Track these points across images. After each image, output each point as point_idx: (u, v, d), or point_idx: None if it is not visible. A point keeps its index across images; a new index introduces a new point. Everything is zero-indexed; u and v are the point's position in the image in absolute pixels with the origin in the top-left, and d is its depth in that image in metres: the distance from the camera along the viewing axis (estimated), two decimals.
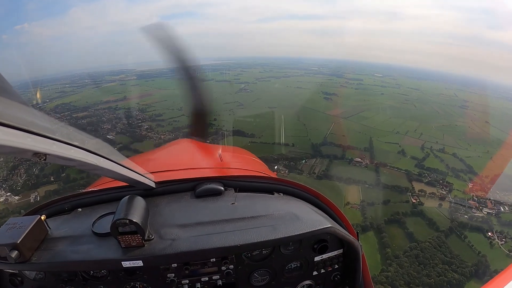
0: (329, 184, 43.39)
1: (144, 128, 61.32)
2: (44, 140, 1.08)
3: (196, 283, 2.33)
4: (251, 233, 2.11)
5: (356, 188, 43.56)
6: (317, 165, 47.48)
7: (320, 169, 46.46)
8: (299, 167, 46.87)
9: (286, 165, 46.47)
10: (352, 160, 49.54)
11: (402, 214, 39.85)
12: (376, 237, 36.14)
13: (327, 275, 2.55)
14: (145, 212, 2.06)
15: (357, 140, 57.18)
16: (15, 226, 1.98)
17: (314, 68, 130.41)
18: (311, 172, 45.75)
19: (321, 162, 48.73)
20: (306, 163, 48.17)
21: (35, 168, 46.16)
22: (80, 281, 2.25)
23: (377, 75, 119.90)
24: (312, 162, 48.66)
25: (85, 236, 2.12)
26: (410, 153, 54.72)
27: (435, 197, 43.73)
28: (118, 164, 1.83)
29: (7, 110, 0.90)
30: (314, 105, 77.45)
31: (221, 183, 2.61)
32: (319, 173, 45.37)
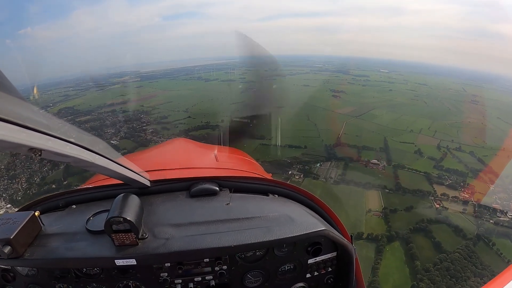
0: (347, 190, 39.92)
1: (149, 131, 58.00)
2: (39, 136, 1.06)
3: (189, 283, 2.28)
4: (245, 234, 2.07)
5: (376, 193, 40.22)
6: (333, 169, 43.86)
7: (337, 173, 42.91)
8: (315, 171, 43.32)
9: (300, 170, 42.92)
10: (368, 162, 45.88)
11: (427, 221, 36.46)
12: (403, 248, 32.92)
13: (321, 278, 2.51)
14: (139, 211, 2.01)
15: (372, 140, 53.59)
16: (9, 221, 1.92)
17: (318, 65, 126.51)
18: (327, 176, 42.16)
19: (336, 165, 45.16)
20: (321, 167, 44.51)
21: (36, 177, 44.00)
22: (73, 278, 2.19)
23: (383, 70, 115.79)
24: (328, 165, 45.07)
25: (78, 233, 2.08)
26: (427, 153, 51.39)
27: (458, 201, 40.45)
28: (113, 161, 1.78)
29: (3, 105, 0.89)
30: (323, 104, 73.99)
31: (216, 183, 2.56)
32: (336, 178, 41.74)
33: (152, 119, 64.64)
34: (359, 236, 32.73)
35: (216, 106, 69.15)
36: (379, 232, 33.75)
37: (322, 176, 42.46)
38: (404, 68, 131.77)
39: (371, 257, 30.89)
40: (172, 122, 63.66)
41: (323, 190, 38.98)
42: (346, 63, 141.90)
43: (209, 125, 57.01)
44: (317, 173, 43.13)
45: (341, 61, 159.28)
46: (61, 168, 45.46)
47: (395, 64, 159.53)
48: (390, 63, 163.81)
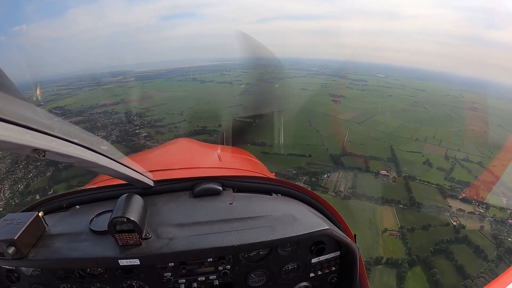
0: (360, 206, 35.77)
1: (142, 136, 53.04)
2: (43, 137, 1.06)
3: (192, 282, 2.23)
4: (248, 233, 2.03)
5: (389, 209, 36.24)
6: (342, 181, 39.51)
7: (346, 185, 38.59)
8: (323, 184, 38.92)
9: (307, 181, 38.48)
10: (378, 174, 41.67)
11: (447, 241, 32.83)
12: (426, 273, 29.25)
13: (324, 277, 2.46)
14: (143, 211, 1.98)
15: (378, 149, 49.60)
16: (13, 222, 1.89)
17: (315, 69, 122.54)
18: (337, 190, 37.73)
19: (345, 176, 40.88)
20: (329, 178, 39.96)
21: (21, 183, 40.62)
22: (77, 278, 2.17)
23: (379, 75, 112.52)
24: (335, 176, 40.64)
25: (82, 234, 2.04)
26: (436, 163, 47.97)
27: (474, 217, 37.16)
28: (116, 162, 1.76)
29: (7, 106, 0.89)
30: (324, 109, 69.92)
31: (219, 183, 2.50)
32: (346, 191, 37.40)
33: (146, 122, 60.01)
34: (378, 260, 29.07)
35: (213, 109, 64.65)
36: (398, 255, 30.00)
37: (331, 189, 38.12)
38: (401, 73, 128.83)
39: (393, 286, 27.55)
40: (166, 125, 59.28)
41: (335, 206, 34.39)
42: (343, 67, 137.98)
43: (206, 129, 53.29)
44: (325, 186, 38.81)
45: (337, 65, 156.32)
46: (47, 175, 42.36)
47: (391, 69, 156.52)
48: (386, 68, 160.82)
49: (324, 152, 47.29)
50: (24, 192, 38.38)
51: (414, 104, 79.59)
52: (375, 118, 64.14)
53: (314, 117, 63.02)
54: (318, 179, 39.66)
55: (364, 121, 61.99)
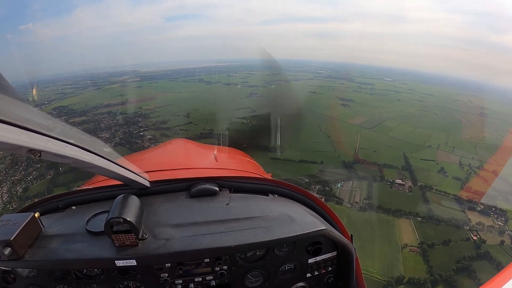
0: (376, 218, 33.60)
1: (146, 138, 50.81)
2: (39, 137, 1.05)
3: (189, 283, 2.23)
4: (245, 234, 2.04)
5: (407, 222, 33.85)
6: (356, 191, 37.15)
7: (361, 196, 36.23)
8: (337, 194, 36.46)
9: (320, 191, 36.18)
10: (393, 183, 39.24)
11: (469, 258, 30.40)
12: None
13: (321, 277, 2.47)
14: (139, 211, 1.98)
15: (390, 157, 47.28)
16: (9, 223, 1.88)
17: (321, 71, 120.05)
18: (352, 201, 35.37)
19: (359, 185, 38.53)
20: (343, 187, 37.58)
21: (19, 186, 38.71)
22: (73, 279, 2.16)
23: (387, 79, 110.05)
24: (349, 185, 38.25)
25: (78, 235, 2.04)
26: (451, 172, 45.35)
27: (494, 230, 34.80)
28: (113, 162, 1.75)
29: (3, 106, 0.88)
30: (333, 112, 67.49)
31: (216, 184, 2.52)
32: (362, 202, 35.01)
33: (151, 124, 57.89)
34: (400, 280, 26.84)
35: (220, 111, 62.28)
36: (420, 274, 27.68)
37: (346, 200, 35.79)
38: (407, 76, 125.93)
39: None
40: (172, 128, 57.02)
41: (350, 218, 32.47)
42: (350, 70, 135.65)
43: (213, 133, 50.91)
44: (339, 196, 36.39)
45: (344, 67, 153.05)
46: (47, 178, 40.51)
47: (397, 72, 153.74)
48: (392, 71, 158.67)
49: (336, 159, 44.99)
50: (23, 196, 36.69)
51: (424, 109, 77.13)
52: (385, 123, 61.71)
53: (324, 121, 60.82)
54: (332, 189, 37.37)
55: (375, 126, 59.62)
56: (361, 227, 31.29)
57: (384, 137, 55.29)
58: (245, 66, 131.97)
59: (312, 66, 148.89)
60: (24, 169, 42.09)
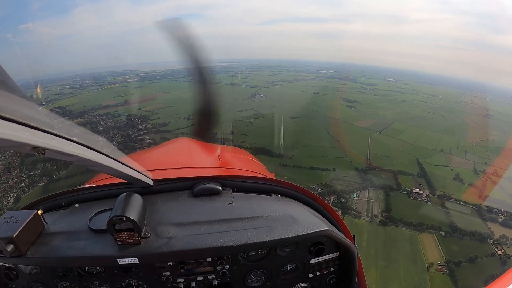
0: (398, 234, 30.80)
1: (146, 142, 47.23)
2: (43, 135, 1.05)
3: (191, 282, 2.21)
4: (247, 233, 2.01)
5: (431, 237, 30.83)
6: (373, 202, 34.03)
7: (380, 207, 33.01)
8: (354, 206, 33.25)
9: (336, 202, 33.05)
10: (411, 192, 36.19)
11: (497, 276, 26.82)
12: None
13: (323, 278, 2.44)
14: (142, 210, 1.96)
15: (404, 162, 44.35)
16: (12, 220, 1.87)
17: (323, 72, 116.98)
18: (370, 213, 32.19)
19: (375, 195, 35.45)
20: (359, 198, 34.30)
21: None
22: (75, 277, 2.15)
23: (389, 79, 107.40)
24: (365, 195, 35.04)
25: (81, 232, 2.02)
26: (467, 179, 42.51)
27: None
28: (116, 161, 1.74)
29: (7, 104, 0.88)
30: (339, 114, 64.26)
31: (219, 183, 2.47)
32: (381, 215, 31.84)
33: (150, 126, 54.60)
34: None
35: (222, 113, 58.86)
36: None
37: (364, 213, 32.62)
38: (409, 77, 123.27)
39: None
40: (173, 131, 53.52)
41: (371, 233, 29.51)
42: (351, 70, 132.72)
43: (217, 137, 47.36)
44: (356, 208, 33.12)
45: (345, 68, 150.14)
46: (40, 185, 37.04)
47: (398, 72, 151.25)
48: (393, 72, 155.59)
49: (348, 165, 41.80)
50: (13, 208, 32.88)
51: (430, 110, 74.34)
52: (394, 126, 58.78)
53: (331, 124, 57.68)
54: (348, 199, 34.12)
55: (384, 129, 56.60)
56: (384, 244, 28.31)
57: (394, 141, 52.26)
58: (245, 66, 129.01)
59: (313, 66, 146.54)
60: (16, 175, 39.07)
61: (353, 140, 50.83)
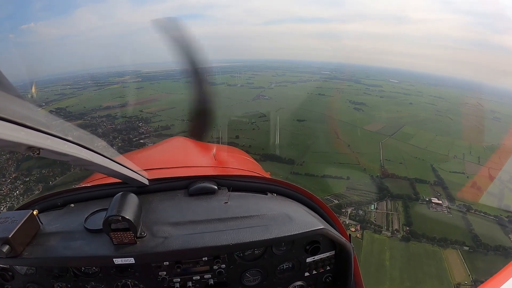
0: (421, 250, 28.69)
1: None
2: (38, 134, 1.03)
3: (187, 281, 2.18)
4: (243, 232, 1.98)
5: (455, 254, 28.61)
6: (393, 214, 31.57)
7: (400, 221, 30.62)
8: (373, 219, 30.71)
9: (354, 216, 30.66)
10: (429, 202, 33.69)
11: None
12: None
13: (319, 276, 2.41)
14: (137, 209, 1.92)
15: (419, 169, 42.19)
16: (7, 220, 1.84)
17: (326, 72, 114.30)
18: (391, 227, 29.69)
19: (394, 206, 33.06)
20: (377, 210, 31.70)
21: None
22: (71, 277, 2.12)
23: (393, 80, 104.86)
24: (384, 207, 32.56)
25: (77, 232, 1.99)
26: (484, 187, 40.20)
27: None
28: (111, 160, 1.72)
29: (2, 103, 0.87)
30: (347, 117, 62.14)
31: (214, 182, 2.43)
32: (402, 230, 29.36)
33: (152, 130, 51.79)
34: None
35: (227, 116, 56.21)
36: None
37: (384, 227, 30.04)
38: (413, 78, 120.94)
39: None
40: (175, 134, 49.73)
41: (394, 251, 27.02)
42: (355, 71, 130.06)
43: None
44: (375, 221, 30.56)
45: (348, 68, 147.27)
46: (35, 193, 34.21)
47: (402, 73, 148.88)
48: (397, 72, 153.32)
49: (362, 173, 39.40)
50: None
51: (438, 113, 72.11)
52: (404, 130, 56.49)
53: (340, 128, 55.20)
54: (366, 212, 31.52)
55: (394, 133, 54.26)
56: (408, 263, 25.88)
57: (406, 146, 49.92)
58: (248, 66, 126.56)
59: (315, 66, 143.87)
60: (11, 182, 36.52)
61: (364, 145, 48.47)
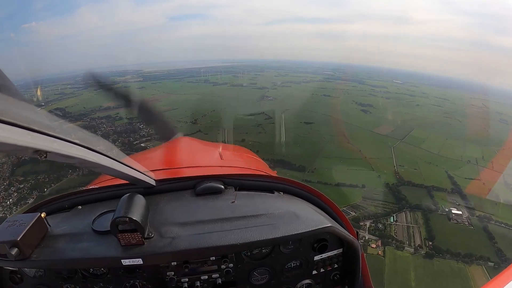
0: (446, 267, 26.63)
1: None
2: (44, 138, 1.03)
3: (195, 281, 2.16)
4: (251, 231, 1.96)
5: (480, 271, 26.33)
6: (413, 227, 29.30)
7: (422, 235, 28.32)
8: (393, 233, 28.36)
9: (373, 230, 28.19)
10: (450, 213, 31.48)
11: None
12: None
13: (327, 275, 2.38)
14: (145, 210, 1.90)
15: (433, 176, 39.95)
16: (15, 223, 1.83)
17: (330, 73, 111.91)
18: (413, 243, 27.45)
19: (414, 218, 30.92)
20: (396, 223, 29.30)
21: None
22: (80, 278, 2.11)
23: (396, 81, 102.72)
24: (403, 219, 30.22)
25: (85, 234, 1.97)
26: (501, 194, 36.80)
27: None
28: (118, 162, 1.70)
29: (8, 107, 0.86)
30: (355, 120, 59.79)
31: (221, 182, 2.40)
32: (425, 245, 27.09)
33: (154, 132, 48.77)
34: None
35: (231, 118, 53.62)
36: None
37: (406, 242, 27.67)
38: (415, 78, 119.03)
39: None
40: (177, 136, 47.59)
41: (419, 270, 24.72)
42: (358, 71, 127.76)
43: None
44: (397, 237, 28.17)
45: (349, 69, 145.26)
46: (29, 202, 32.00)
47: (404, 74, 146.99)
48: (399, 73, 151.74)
49: (376, 180, 36.97)
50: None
51: (445, 115, 69.81)
52: (414, 134, 54.15)
53: (349, 131, 52.89)
54: (386, 225, 29.07)
55: (405, 137, 51.96)
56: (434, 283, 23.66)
57: (418, 150, 47.68)
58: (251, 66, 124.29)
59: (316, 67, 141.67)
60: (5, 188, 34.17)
61: (376, 149, 46.10)
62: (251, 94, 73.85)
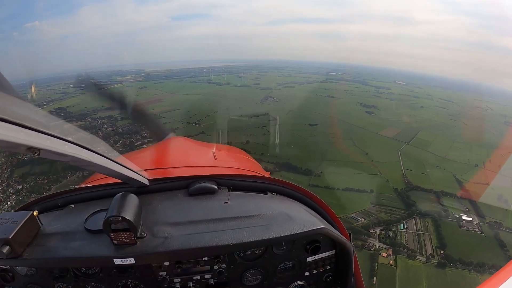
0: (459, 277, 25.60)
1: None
2: (37, 135, 1.03)
3: (188, 281, 2.15)
4: (243, 232, 1.95)
5: None
6: (424, 235, 28.48)
7: (433, 244, 27.35)
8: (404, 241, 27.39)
9: (383, 237, 27.29)
10: (460, 220, 30.60)
11: None
12: None
13: (319, 276, 2.38)
14: (138, 210, 1.89)
15: (442, 180, 39.18)
16: (7, 221, 1.81)
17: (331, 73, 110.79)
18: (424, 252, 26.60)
19: (424, 225, 30.08)
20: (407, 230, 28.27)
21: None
22: (72, 277, 2.09)
23: (400, 82, 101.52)
24: (413, 226, 29.34)
25: (77, 233, 1.96)
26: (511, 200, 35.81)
27: None
28: (111, 160, 1.71)
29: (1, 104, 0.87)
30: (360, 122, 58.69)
31: (214, 182, 2.39)
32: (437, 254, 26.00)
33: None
34: None
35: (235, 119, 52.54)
36: None
37: (418, 251, 26.85)
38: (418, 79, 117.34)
39: None
40: None
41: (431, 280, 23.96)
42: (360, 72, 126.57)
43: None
44: (407, 245, 27.24)
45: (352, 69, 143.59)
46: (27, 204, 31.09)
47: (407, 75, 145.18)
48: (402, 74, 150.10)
49: (385, 185, 35.99)
50: None
51: (450, 117, 68.58)
52: (420, 136, 53.13)
53: (354, 133, 51.80)
54: (396, 232, 28.11)
55: (411, 140, 50.89)
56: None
57: (425, 154, 46.73)
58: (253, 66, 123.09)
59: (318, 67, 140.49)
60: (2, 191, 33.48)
61: (382, 152, 45.11)
62: (254, 94, 72.79)
